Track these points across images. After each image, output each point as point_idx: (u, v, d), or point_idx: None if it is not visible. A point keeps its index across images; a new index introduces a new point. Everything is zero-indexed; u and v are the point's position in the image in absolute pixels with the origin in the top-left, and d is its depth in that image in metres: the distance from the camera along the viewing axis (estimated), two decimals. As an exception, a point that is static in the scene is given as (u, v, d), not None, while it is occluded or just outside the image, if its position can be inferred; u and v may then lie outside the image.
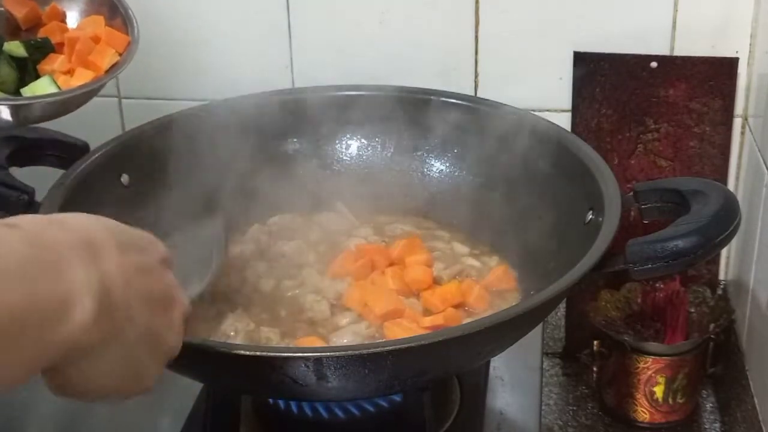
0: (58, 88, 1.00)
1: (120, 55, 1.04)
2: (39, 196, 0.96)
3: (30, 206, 0.95)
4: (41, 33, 1.06)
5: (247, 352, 0.79)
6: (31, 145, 1.04)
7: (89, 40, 1.03)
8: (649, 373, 1.15)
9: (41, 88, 1.00)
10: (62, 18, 1.08)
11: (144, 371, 0.66)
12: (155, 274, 0.66)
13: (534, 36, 1.22)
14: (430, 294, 1.00)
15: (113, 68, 1.02)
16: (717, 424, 1.20)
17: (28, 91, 1.01)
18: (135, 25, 1.05)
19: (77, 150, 1.05)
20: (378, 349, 0.78)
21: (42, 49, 1.04)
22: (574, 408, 1.23)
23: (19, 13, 1.06)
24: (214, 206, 1.07)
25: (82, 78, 1.02)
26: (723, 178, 1.23)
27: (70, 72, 1.03)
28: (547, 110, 1.23)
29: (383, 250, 1.06)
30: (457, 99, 1.15)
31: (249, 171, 1.10)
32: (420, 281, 1.01)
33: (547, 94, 1.24)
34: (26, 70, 1.03)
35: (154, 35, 1.10)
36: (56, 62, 1.04)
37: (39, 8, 1.07)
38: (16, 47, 1.02)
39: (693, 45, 1.19)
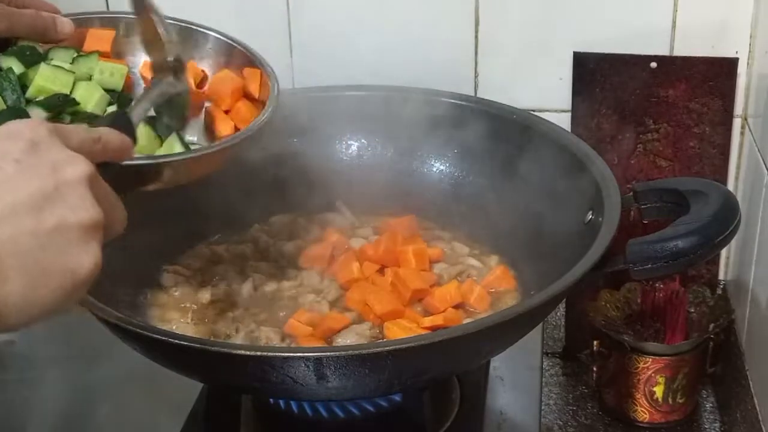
0: (186, 147, 0.91)
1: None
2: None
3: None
4: None
5: (247, 352, 0.79)
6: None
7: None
8: (649, 373, 1.15)
9: (169, 147, 0.91)
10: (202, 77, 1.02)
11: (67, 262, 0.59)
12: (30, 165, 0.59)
13: (534, 36, 1.23)
14: (430, 294, 1.00)
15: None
16: (717, 424, 1.20)
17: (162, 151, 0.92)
18: (275, 80, 0.98)
19: None
20: (378, 349, 0.78)
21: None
22: (574, 408, 1.23)
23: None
24: (213, 206, 1.07)
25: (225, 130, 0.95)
26: (723, 178, 1.23)
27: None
28: (547, 110, 1.23)
29: (376, 245, 1.07)
30: (457, 99, 1.15)
31: (249, 171, 1.11)
32: (421, 291, 1.00)
33: (547, 94, 1.24)
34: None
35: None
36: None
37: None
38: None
39: (693, 45, 1.19)
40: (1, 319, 0.57)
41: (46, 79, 0.89)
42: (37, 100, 0.88)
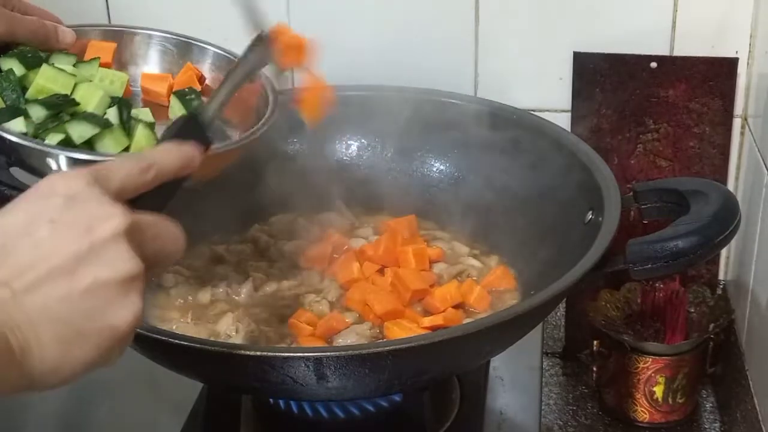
0: None
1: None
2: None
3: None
4: None
5: (247, 352, 0.79)
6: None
7: None
8: (649, 372, 1.15)
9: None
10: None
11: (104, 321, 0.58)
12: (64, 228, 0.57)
13: (534, 36, 1.23)
14: (430, 294, 1.00)
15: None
16: (717, 424, 1.20)
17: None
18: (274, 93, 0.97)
19: None
20: (378, 349, 0.78)
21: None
22: (574, 408, 1.23)
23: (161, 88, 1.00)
24: (213, 206, 1.07)
25: None
26: (723, 178, 1.23)
27: None
28: (547, 110, 1.23)
29: (376, 245, 1.07)
30: (457, 99, 1.15)
31: (249, 171, 1.11)
32: (421, 291, 1.00)
33: (547, 94, 1.24)
34: None
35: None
36: None
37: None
38: (145, 114, 0.93)
39: (693, 45, 1.19)
40: (40, 382, 0.56)
41: (48, 79, 0.89)
42: (37, 99, 0.88)
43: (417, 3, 1.23)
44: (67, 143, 0.84)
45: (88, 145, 0.85)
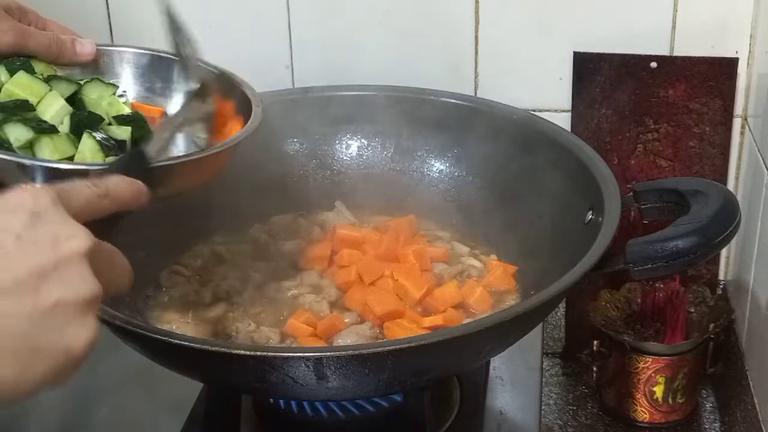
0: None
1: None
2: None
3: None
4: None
5: (247, 352, 0.79)
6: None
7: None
8: (649, 372, 1.15)
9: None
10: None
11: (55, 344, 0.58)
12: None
13: (534, 36, 1.23)
14: (430, 294, 1.00)
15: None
16: (717, 424, 1.21)
17: None
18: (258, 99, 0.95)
19: None
20: (378, 349, 0.78)
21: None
22: (574, 408, 1.24)
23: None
24: (213, 206, 1.07)
25: None
26: (723, 178, 1.23)
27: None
28: (547, 110, 1.23)
29: (376, 240, 1.07)
30: (457, 99, 1.15)
31: (249, 171, 1.11)
32: (417, 294, 1.00)
33: (547, 94, 1.24)
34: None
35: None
36: None
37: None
38: (124, 132, 0.89)
39: (693, 45, 1.19)
40: None
41: (18, 85, 0.87)
42: None
43: (417, 3, 1.23)
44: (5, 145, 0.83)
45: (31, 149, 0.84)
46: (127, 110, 0.93)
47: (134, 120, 0.91)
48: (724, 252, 1.28)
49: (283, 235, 1.12)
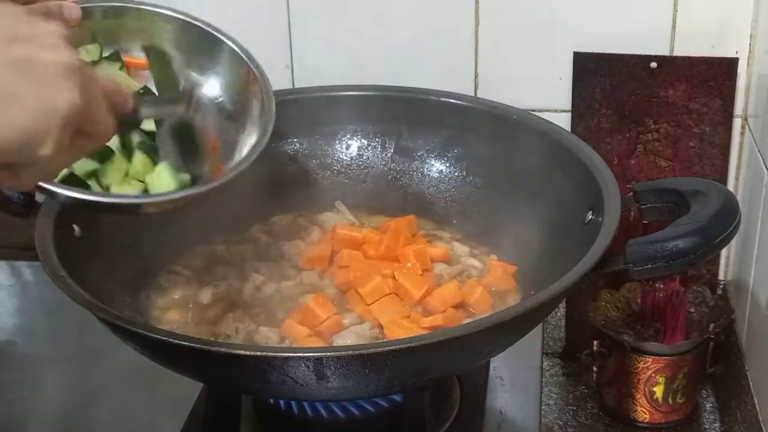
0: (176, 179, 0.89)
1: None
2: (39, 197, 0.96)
3: (30, 206, 0.95)
4: None
5: (247, 352, 0.79)
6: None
7: None
8: (649, 372, 1.15)
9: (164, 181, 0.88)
10: None
11: (24, 100, 0.58)
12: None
13: (534, 36, 1.23)
14: (430, 294, 1.00)
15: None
16: (717, 424, 1.21)
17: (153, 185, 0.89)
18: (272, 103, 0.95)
19: None
20: (378, 349, 0.78)
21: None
22: (574, 408, 1.24)
23: None
24: (214, 206, 1.07)
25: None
26: (723, 178, 1.23)
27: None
28: (547, 110, 1.23)
29: (376, 240, 1.07)
30: (457, 99, 1.15)
31: (249, 171, 1.10)
32: (417, 294, 1.00)
33: (547, 95, 1.24)
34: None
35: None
36: None
37: None
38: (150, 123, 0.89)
39: (693, 45, 1.19)
40: None
41: None
42: None
43: (417, 3, 1.23)
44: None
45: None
46: (134, 84, 0.91)
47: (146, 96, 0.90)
48: (724, 252, 1.28)
49: (283, 235, 1.12)
